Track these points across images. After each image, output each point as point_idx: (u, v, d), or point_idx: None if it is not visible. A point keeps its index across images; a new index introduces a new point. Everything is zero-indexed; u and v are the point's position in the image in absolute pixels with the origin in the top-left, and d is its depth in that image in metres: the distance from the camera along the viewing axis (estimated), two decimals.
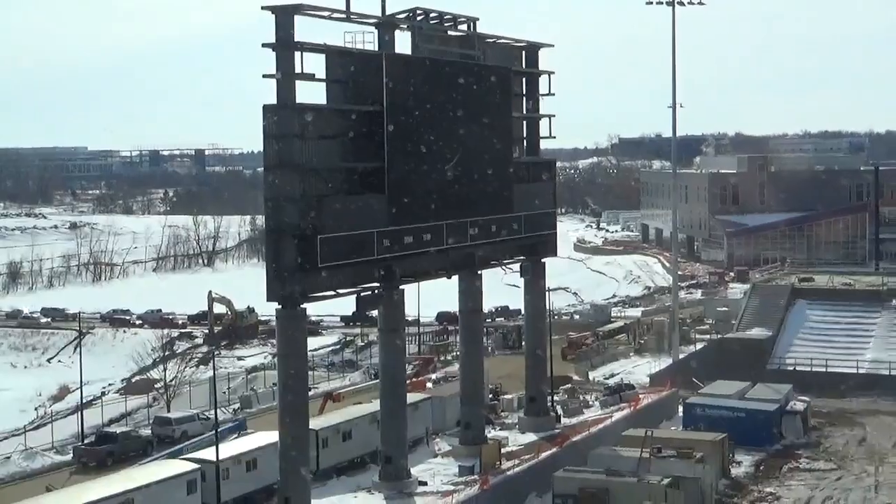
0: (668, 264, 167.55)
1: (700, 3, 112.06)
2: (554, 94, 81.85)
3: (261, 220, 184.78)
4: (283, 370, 60.47)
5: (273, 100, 58.10)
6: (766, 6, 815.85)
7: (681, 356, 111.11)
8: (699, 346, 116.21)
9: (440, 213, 68.00)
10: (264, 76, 58.17)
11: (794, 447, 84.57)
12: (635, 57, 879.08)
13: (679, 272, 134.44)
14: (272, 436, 63.84)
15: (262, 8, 58.16)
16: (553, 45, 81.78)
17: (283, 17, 58.02)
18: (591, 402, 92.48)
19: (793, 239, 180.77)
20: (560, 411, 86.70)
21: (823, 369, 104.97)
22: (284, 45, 58.03)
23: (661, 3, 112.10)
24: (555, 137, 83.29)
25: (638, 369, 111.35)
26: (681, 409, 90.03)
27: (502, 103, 76.00)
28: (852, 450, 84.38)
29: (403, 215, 64.64)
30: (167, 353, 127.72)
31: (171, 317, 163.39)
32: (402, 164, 64.87)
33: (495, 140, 74.64)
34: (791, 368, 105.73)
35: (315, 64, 60.64)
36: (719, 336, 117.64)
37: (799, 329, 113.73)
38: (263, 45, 58.35)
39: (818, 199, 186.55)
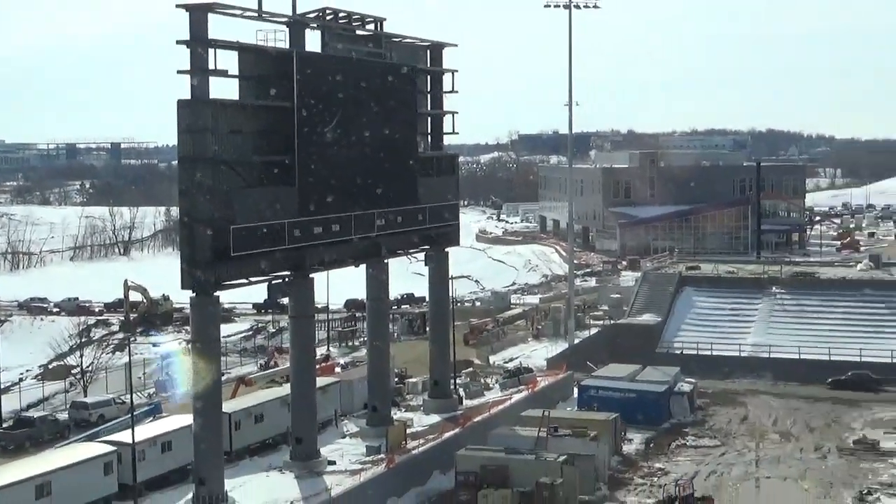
0: (564, 254, 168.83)
1: (595, 7, 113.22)
2: (457, 92, 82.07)
3: (175, 211, 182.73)
4: (198, 354, 59.83)
5: (187, 95, 57.50)
6: (657, 11, 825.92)
7: (576, 341, 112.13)
8: (593, 331, 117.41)
9: (348, 204, 67.87)
10: (179, 72, 57.55)
11: (682, 425, 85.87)
12: (534, 56, 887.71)
13: (575, 261, 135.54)
14: (186, 419, 63.29)
15: (177, 6, 57.61)
16: (456, 45, 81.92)
17: (198, 16, 57.42)
18: (491, 385, 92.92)
19: (680, 230, 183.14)
20: (462, 393, 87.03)
21: (709, 353, 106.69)
22: (198, 43, 57.34)
23: (559, 6, 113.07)
24: (458, 133, 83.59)
25: (536, 353, 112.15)
26: (576, 390, 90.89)
27: (408, 100, 75.99)
28: (735, 427, 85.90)
29: (313, 207, 64.45)
30: (84, 339, 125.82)
31: (87, 304, 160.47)
32: (312, 157, 64.54)
33: (401, 135, 74.66)
34: (679, 352, 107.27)
35: (228, 60, 60.22)
36: (612, 321, 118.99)
37: (686, 315, 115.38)
38: (178, 42, 57.67)
39: (704, 192, 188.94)
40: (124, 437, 62.58)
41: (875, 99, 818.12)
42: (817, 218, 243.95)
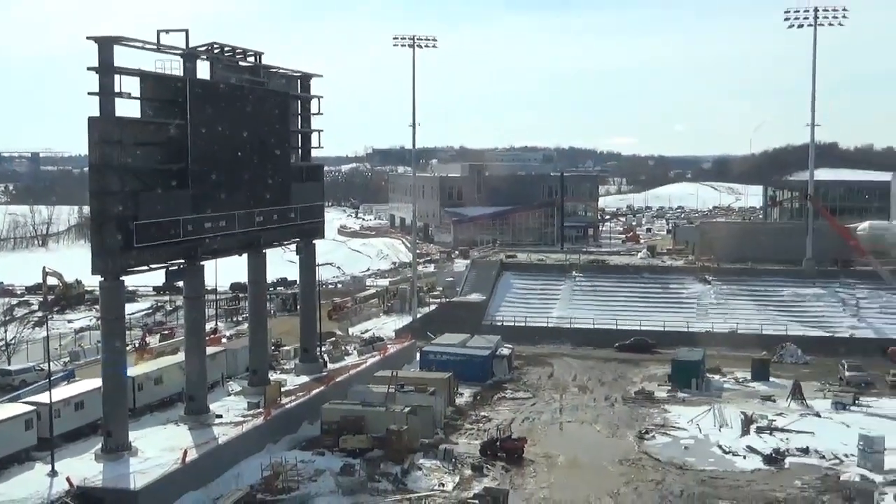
0: (408, 245, 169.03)
1: (434, 46, 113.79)
2: (322, 114, 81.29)
3: (87, 210, 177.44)
4: (106, 329, 58.82)
5: (97, 113, 56.02)
6: (484, 51, 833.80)
7: (418, 315, 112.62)
8: (432, 307, 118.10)
9: (233, 204, 66.86)
10: (89, 94, 55.99)
11: (502, 382, 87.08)
12: (386, 84, 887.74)
13: (417, 251, 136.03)
14: (96, 382, 61.61)
15: (87, 38, 56.03)
16: (322, 76, 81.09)
17: (105, 47, 56.09)
18: (350, 352, 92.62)
19: (501, 226, 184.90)
20: (326, 359, 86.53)
21: (523, 324, 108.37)
22: (105, 70, 55.99)
23: (405, 45, 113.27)
24: (323, 147, 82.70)
25: (386, 326, 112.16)
26: (418, 355, 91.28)
27: (282, 120, 75.14)
28: (543, 383, 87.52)
29: (203, 206, 63.31)
30: (7, 317, 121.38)
31: (10, 288, 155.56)
32: (202, 166, 63.35)
33: (277, 148, 73.79)
34: (500, 324, 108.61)
35: (132, 84, 58.82)
36: (447, 300, 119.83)
37: (505, 294, 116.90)
38: (88, 69, 56.14)
39: (519, 196, 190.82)
40: (43, 398, 60.58)
41: (650, 123, 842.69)
42: (607, 217, 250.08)
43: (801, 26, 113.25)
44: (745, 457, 64.57)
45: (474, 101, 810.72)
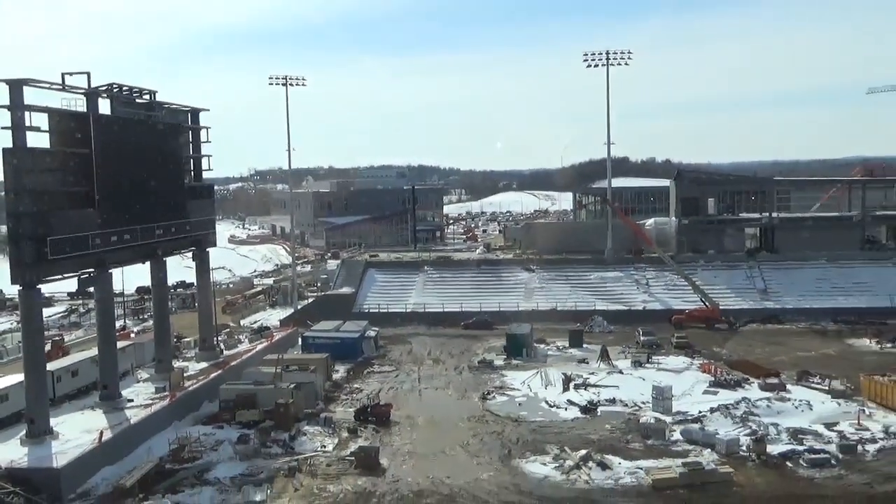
0: (288, 250, 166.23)
1: (303, 85, 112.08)
2: (210, 141, 78.62)
3: (5, 228, 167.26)
4: (26, 331, 55.75)
5: (10, 144, 52.95)
6: (346, 85, 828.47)
7: (299, 307, 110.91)
8: (310, 300, 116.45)
9: (135, 220, 64.29)
10: (2, 128, 52.88)
11: (370, 359, 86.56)
12: (266, 114, 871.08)
13: (296, 254, 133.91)
14: (20, 376, 58.09)
15: None
16: (209, 109, 78.60)
17: (15, 87, 53.08)
18: (242, 340, 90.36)
19: (365, 232, 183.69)
20: (222, 346, 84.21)
21: (386, 310, 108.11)
22: (16, 107, 52.97)
23: (278, 84, 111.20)
24: (212, 169, 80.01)
25: (272, 317, 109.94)
26: (300, 340, 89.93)
27: (176, 148, 72.57)
28: (404, 358, 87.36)
29: (109, 222, 60.64)
30: None
31: None
32: (107, 188, 60.53)
33: (172, 172, 71.27)
34: (367, 311, 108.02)
35: (41, 118, 55.75)
36: (323, 293, 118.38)
37: (371, 287, 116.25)
38: (0, 107, 52.95)
39: (379, 206, 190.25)
40: None
41: (482, 144, 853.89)
42: (451, 221, 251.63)
43: (596, 65, 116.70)
44: (566, 409, 65.90)
45: (340, 127, 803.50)
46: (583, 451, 54.06)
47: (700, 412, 62.46)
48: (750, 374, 73.27)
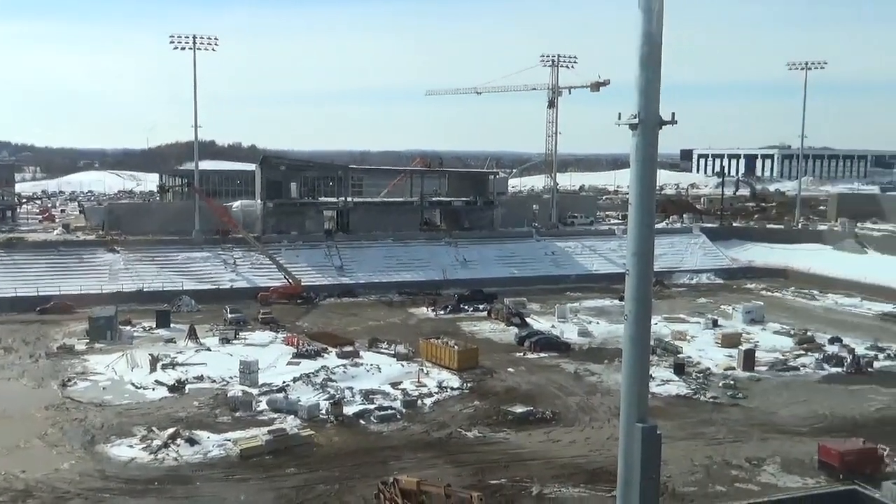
0: None
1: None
2: None
3: None
4: None
5: None
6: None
7: None
8: None
9: None
10: None
11: None
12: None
13: None
14: None
15: None
16: None
17: None
18: None
19: None
20: None
21: None
22: None
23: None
24: None
25: None
26: None
27: None
28: None
29: None
30: None
31: None
32: None
33: None
34: None
35: None
36: None
37: None
38: None
39: None
40: None
41: (62, 121, 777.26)
42: (24, 200, 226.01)
43: (183, 48, 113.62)
44: (153, 389, 63.62)
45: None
46: (171, 430, 52.67)
47: (284, 382, 64.41)
48: (328, 344, 77.23)
